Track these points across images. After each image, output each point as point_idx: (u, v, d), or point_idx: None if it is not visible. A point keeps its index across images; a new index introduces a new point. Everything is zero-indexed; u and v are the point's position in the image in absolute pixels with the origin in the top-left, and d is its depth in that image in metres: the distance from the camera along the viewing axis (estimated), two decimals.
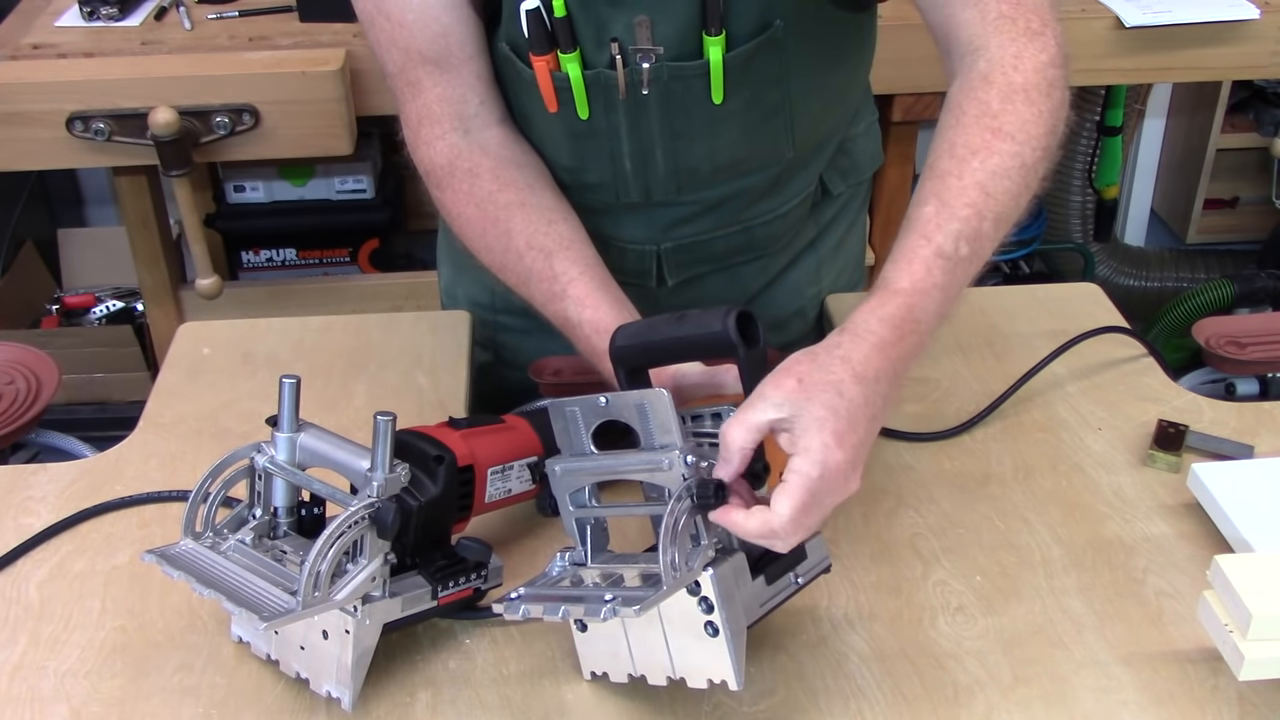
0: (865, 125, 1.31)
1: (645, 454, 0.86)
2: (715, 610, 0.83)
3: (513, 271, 1.09)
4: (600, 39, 1.07)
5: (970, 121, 0.94)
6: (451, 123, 1.10)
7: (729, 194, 1.19)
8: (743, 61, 1.07)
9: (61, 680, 0.94)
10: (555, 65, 1.08)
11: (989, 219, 0.91)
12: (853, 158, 1.30)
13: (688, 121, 1.11)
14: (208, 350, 1.33)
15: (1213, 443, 1.15)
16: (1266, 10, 2.28)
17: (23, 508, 1.11)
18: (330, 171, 2.63)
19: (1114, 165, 2.97)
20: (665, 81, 1.08)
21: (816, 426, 0.80)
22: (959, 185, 0.91)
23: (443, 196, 1.12)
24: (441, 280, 1.44)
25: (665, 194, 1.17)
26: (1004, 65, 0.96)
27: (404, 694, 0.92)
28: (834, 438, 0.80)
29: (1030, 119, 0.94)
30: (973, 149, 0.93)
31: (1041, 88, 0.96)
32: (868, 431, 0.83)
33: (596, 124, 1.11)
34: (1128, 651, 0.94)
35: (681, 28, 1.05)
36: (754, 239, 1.25)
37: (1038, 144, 0.94)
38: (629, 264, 1.22)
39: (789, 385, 0.82)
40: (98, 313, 2.93)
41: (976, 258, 0.91)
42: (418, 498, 0.90)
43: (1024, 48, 0.97)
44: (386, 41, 1.09)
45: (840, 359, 0.83)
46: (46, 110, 2.05)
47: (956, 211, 0.90)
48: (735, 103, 1.10)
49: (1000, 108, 0.94)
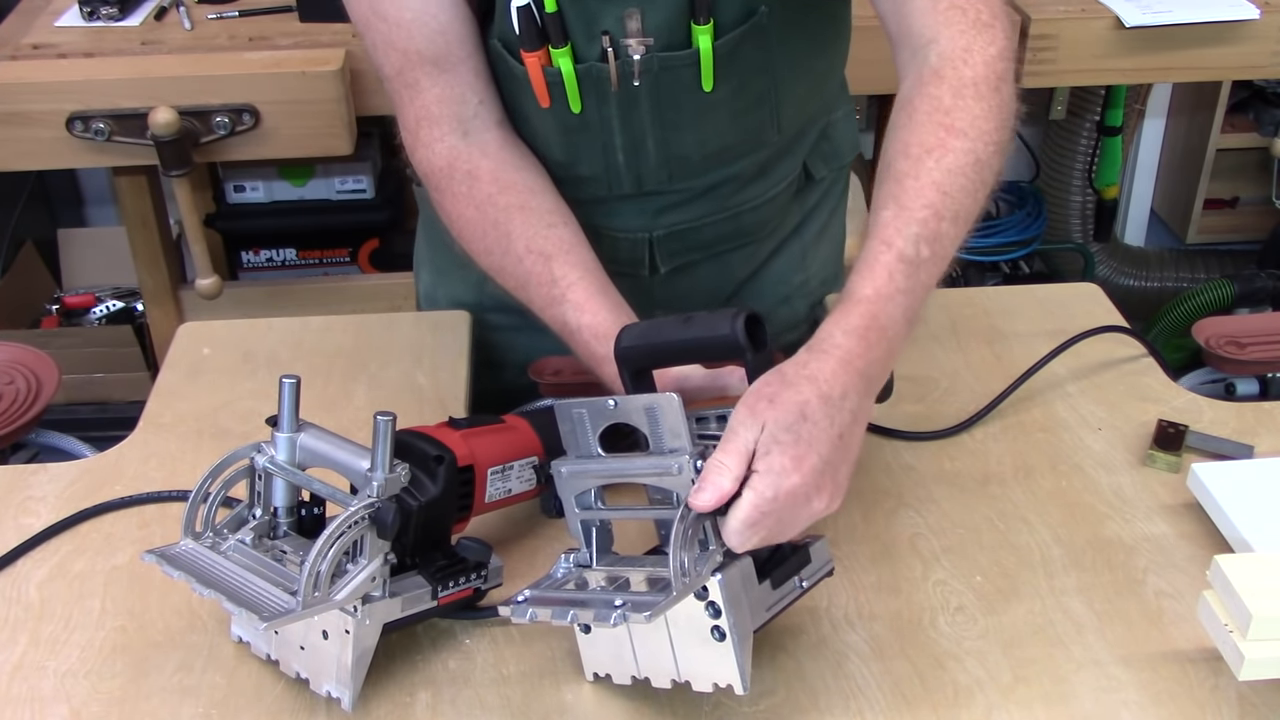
0: (844, 112, 1.33)
1: (654, 458, 0.86)
2: (723, 615, 0.83)
3: (511, 275, 1.09)
4: (591, 32, 1.07)
5: (923, 119, 0.95)
6: (451, 125, 1.10)
7: (718, 180, 1.20)
8: (730, 49, 1.08)
9: (61, 680, 0.94)
10: (547, 60, 1.08)
11: (947, 218, 0.91)
12: (833, 143, 1.32)
13: (678, 110, 1.12)
14: (208, 350, 1.33)
15: (1213, 443, 1.15)
16: (1266, 10, 2.28)
17: (23, 508, 1.11)
18: (330, 171, 2.63)
19: (1114, 165, 2.97)
20: (656, 72, 1.08)
21: (778, 450, 0.81)
22: (915, 186, 0.92)
23: (441, 199, 1.12)
24: (420, 285, 1.45)
25: (657, 183, 1.18)
26: (954, 59, 0.97)
27: (404, 694, 0.92)
28: (792, 462, 0.81)
29: (980, 114, 0.95)
30: (927, 148, 0.93)
31: (991, 81, 0.96)
32: (834, 450, 0.83)
33: (589, 117, 1.12)
34: (1128, 651, 0.94)
35: (670, 17, 1.06)
36: (742, 224, 1.26)
37: (989, 139, 0.95)
38: (621, 253, 1.23)
39: (760, 407, 0.83)
40: (98, 313, 2.93)
41: (938, 258, 0.91)
42: (418, 498, 0.90)
43: (973, 40, 0.97)
44: (383, 44, 1.09)
45: (807, 379, 0.84)
46: (46, 110, 2.05)
47: (914, 214, 0.91)
48: (724, 90, 1.11)
49: (952, 103, 0.95)
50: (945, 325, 1.34)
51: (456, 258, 1.19)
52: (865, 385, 0.86)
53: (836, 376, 0.84)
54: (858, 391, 0.85)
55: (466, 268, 1.17)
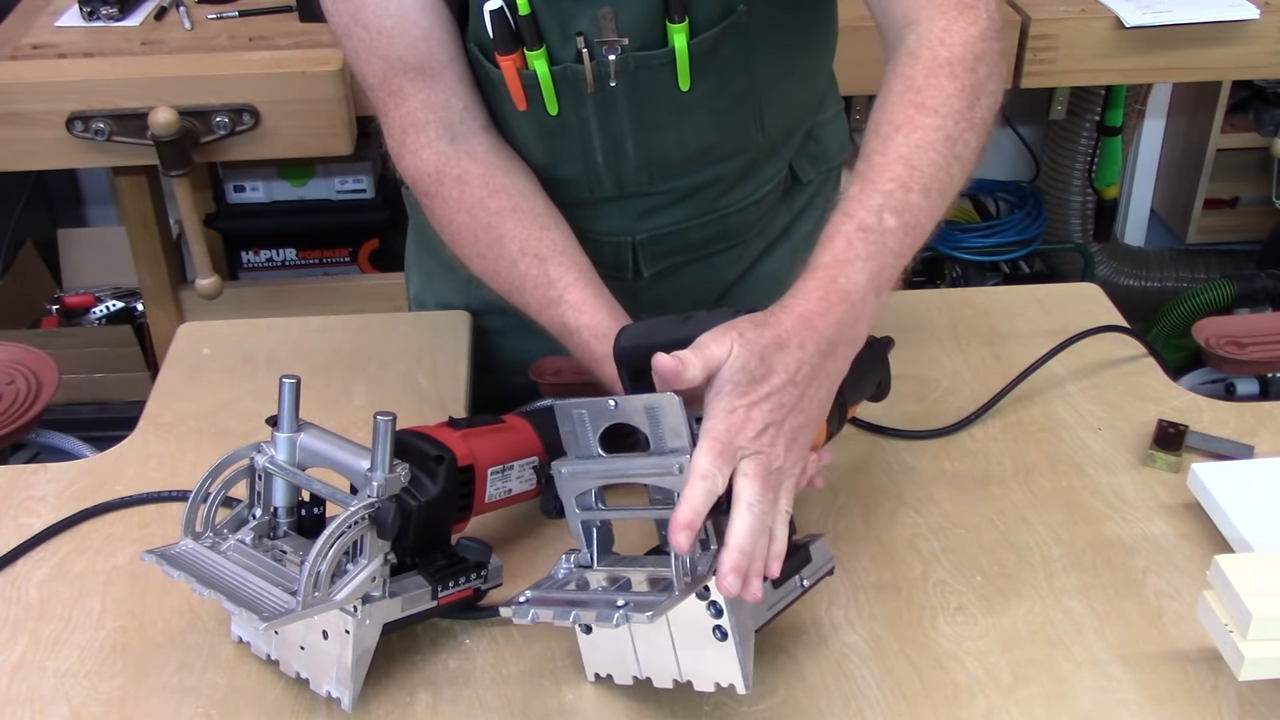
0: (832, 113, 1.33)
1: (655, 458, 0.86)
2: (724, 614, 0.83)
3: (505, 278, 1.09)
4: (565, 34, 1.07)
5: (895, 98, 0.96)
6: (437, 130, 1.10)
7: (701, 182, 1.20)
8: (708, 48, 1.08)
9: (61, 680, 0.94)
10: (522, 63, 1.08)
11: (916, 190, 0.92)
12: (821, 144, 1.31)
13: (656, 111, 1.11)
14: (208, 350, 1.33)
15: (1213, 443, 1.15)
16: (1266, 10, 2.28)
17: (23, 508, 1.11)
18: (330, 171, 2.63)
19: (1114, 165, 2.97)
20: (632, 72, 1.08)
21: (730, 388, 0.83)
22: (883, 161, 0.93)
23: (432, 205, 1.12)
24: (410, 290, 1.45)
25: (638, 185, 1.18)
26: (931, 40, 0.98)
27: (404, 694, 0.92)
28: (743, 400, 0.83)
29: (953, 93, 0.95)
30: (896, 125, 0.94)
31: (967, 61, 0.97)
32: (792, 399, 0.85)
33: (566, 119, 1.12)
34: (1128, 651, 0.95)
35: (645, 17, 1.06)
36: (728, 227, 1.26)
37: (960, 116, 0.95)
38: (605, 256, 1.22)
39: (730, 336, 0.84)
40: (98, 313, 2.93)
41: (908, 227, 0.92)
42: (418, 498, 0.90)
43: (953, 21, 0.98)
44: (365, 52, 1.08)
45: (771, 325, 0.85)
46: (46, 110, 2.05)
47: (879, 186, 0.92)
48: (702, 90, 1.10)
49: (924, 82, 0.96)
50: (945, 325, 1.34)
51: (444, 261, 1.19)
52: (826, 344, 0.87)
53: (795, 330, 0.85)
54: (817, 347, 0.86)
55: (454, 271, 1.16)
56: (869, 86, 1.00)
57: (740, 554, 0.81)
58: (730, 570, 0.80)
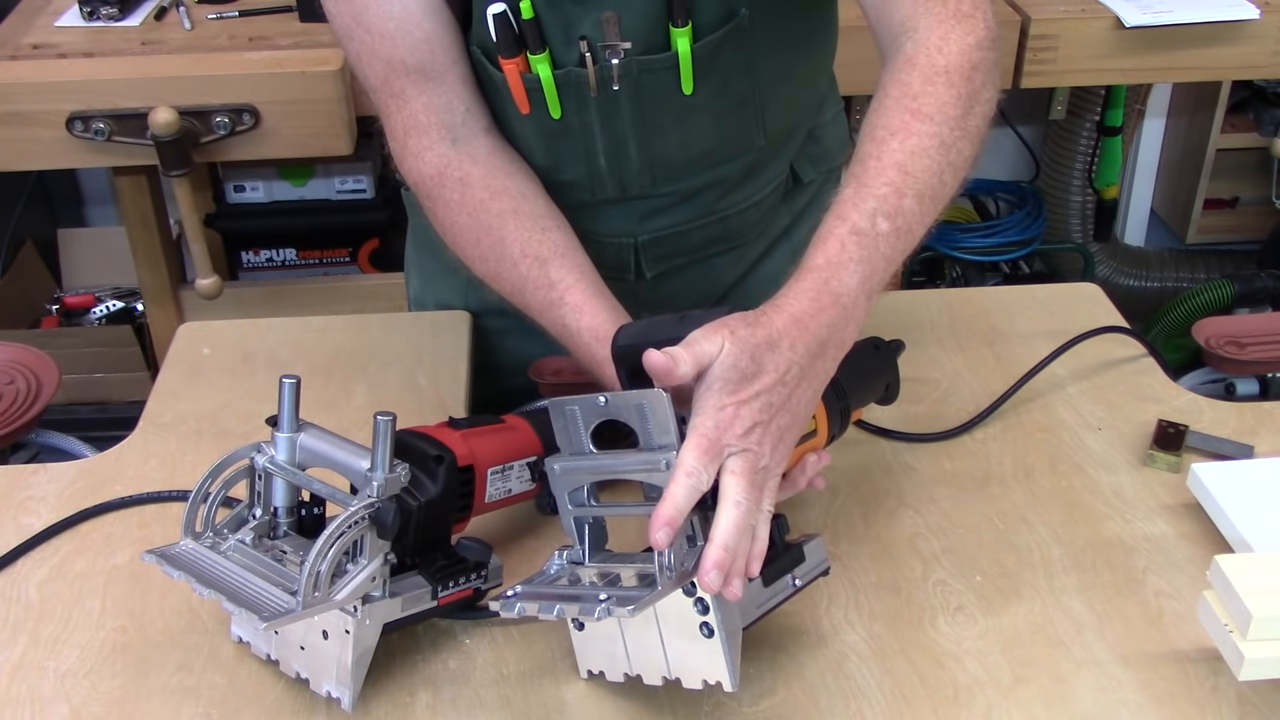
0: (833, 114, 1.33)
1: (644, 454, 0.86)
2: (711, 611, 0.83)
3: (507, 280, 1.09)
4: (568, 38, 1.07)
5: (891, 104, 0.96)
6: (439, 132, 1.10)
7: (703, 184, 1.20)
8: (710, 51, 1.08)
9: (61, 680, 0.94)
10: (525, 67, 1.08)
11: (909, 195, 0.92)
12: (822, 145, 1.31)
13: (659, 114, 1.12)
14: (208, 350, 1.33)
15: (1213, 443, 1.15)
16: (1266, 10, 2.28)
17: (23, 508, 1.11)
18: (330, 171, 2.63)
19: (1114, 165, 2.97)
20: (635, 76, 1.08)
21: (719, 385, 0.83)
22: (877, 166, 0.93)
23: (434, 207, 1.12)
24: (410, 290, 1.45)
25: (640, 187, 1.18)
26: (929, 47, 0.98)
27: (404, 694, 0.92)
28: (732, 397, 0.83)
29: (949, 100, 0.96)
30: (892, 130, 0.94)
31: (963, 70, 0.97)
32: (780, 398, 0.84)
33: (569, 123, 1.12)
34: (1128, 651, 0.95)
35: (648, 21, 1.06)
36: (729, 229, 1.26)
37: (955, 124, 0.96)
38: (607, 258, 1.22)
39: (722, 334, 0.84)
40: (98, 313, 2.93)
41: (900, 232, 0.92)
42: (418, 498, 0.90)
43: (951, 29, 0.98)
44: (367, 55, 1.08)
45: (763, 324, 0.85)
46: (46, 110, 2.05)
47: (874, 190, 0.92)
48: (705, 93, 1.10)
49: (921, 89, 0.96)
50: (945, 325, 1.34)
51: (444, 262, 1.19)
52: (816, 346, 0.87)
53: (786, 330, 0.85)
54: (807, 348, 0.86)
55: (454, 272, 1.16)
56: (869, 87, 1.00)
57: (724, 551, 0.81)
58: (713, 566, 0.80)
